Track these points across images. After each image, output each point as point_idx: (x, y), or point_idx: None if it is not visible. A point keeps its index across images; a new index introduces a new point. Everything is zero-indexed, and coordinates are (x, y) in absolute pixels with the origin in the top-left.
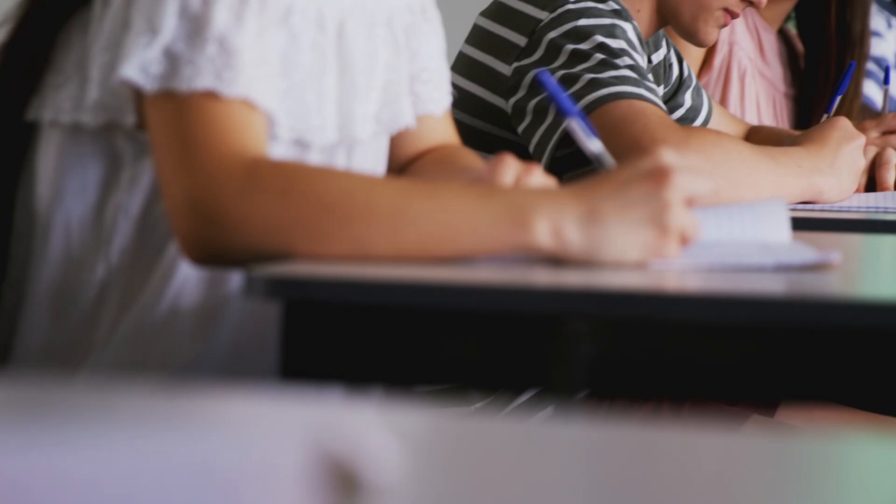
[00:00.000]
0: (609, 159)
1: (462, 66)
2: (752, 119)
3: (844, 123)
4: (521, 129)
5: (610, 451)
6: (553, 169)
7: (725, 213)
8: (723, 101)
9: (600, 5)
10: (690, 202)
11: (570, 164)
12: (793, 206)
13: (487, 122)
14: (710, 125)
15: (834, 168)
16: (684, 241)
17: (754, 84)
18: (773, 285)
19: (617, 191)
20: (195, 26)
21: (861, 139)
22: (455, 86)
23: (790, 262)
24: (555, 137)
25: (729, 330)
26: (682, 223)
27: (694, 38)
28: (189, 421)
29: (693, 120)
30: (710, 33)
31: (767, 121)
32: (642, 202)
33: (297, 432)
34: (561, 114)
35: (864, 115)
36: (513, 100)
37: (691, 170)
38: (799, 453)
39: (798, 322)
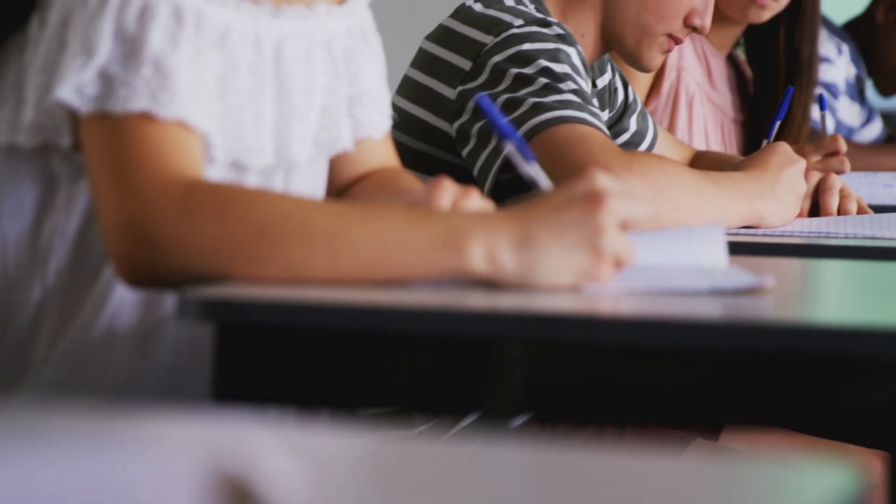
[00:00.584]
0: (546, 183)
1: (407, 89)
2: (700, 144)
3: (785, 148)
4: (465, 152)
5: (550, 474)
6: (497, 193)
7: (662, 236)
8: (671, 127)
9: (545, 30)
10: (625, 226)
11: (513, 189)
12: (736, 231)
13: (432, 146)
14: (656, 150)
15: (775, 193)
16: (619, 264)
17: (702, 109)
18: (706, 309)
19: (551, 215)
20: (130, 48)
21: (802, 163)
22: (400, 109)
23: (725, 287)
24: (498, 161)
25: (662, 354)
26: (617, 247)
27: (637, 64)
28: (93, 441)
29: (638, 144)
30: (653, 59)
31: (715, 146)
32: (576, 226)
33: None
34: (498, 137)
35: (812, 139)
36: (457, 123)
37: (626, 194)
38: (737, 477)
39: (732, 346)
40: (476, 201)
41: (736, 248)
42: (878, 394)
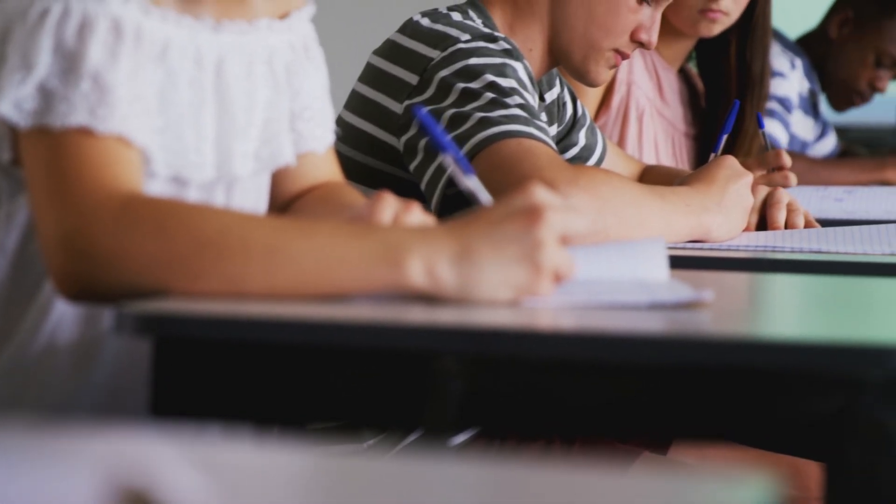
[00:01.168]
0: (486, 197)
1: (354, 104)
2: (651, 158)
3: (731, 162)
4: (412, 167)
5: (493, 491)
6: (444, 207)
7: (604, 250)
8: (621, 141)
9: (491, 45)
10: (565, 240)
11: (461, 202)
12: (682, 245)
13: (379, 160)
14: (605, 164)
15: (722, 206)
16: (558, 278)
17: (652, 124)
18: (645, 323)
19: (491, 229)
20: (69, 63)
21: (748, 177)
22: (347, 123)
23: (664, 301)
24: (445, 175)
25: (600, 368)
26: (556, 261)
27: (585, 79)
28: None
29: (587, 159)
30: (600, 73)
31: (666, 160)
32: (515, 240)
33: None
34: (436, 150)
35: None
36: (404, 138)
37: (565, 208)
38: (654, 490)
39: (670, 360)
40: (417, 216)
41: (682, 263)
42: (820, 407)
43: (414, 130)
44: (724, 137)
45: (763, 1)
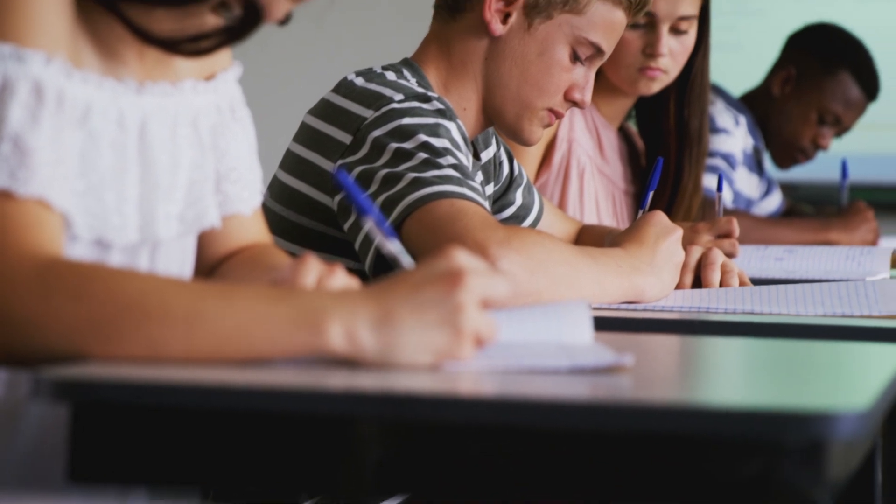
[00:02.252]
0: (407, 260)
1: (289, 163)
2: (592, 216)
3: (660, 218)
4: (346, 226)
5: None
6: (378, 266)
7: (528, 313)
8: (562, 199)
9: (425, 105)
10: (486, 304)
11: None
12: (613, 307)
13: (314, 220)
14: (542, 224)
15: (654, 266)
16: (479, 343)
17: (593, 181)
18: (566, 388)
19: (411, 292)
20: None
21: (678, 232)
22: (282, 183)
23: (584, 365)
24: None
25: (521, 433)
26: (477, 325)
27: (518, 138)
28: None
29: (524, 218)
30: (534, 132)
31: (607, 218)
32: (436, 304)
33: None
34: (357, 213)
35: (703, 210)
36: (338, 198)
37: (486, 272)
38: None
39: (586, 426)
40: (341, 279)
41: (613, 324)
42: (740, 472)
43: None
44: (651, 194)
45: (701, 59)
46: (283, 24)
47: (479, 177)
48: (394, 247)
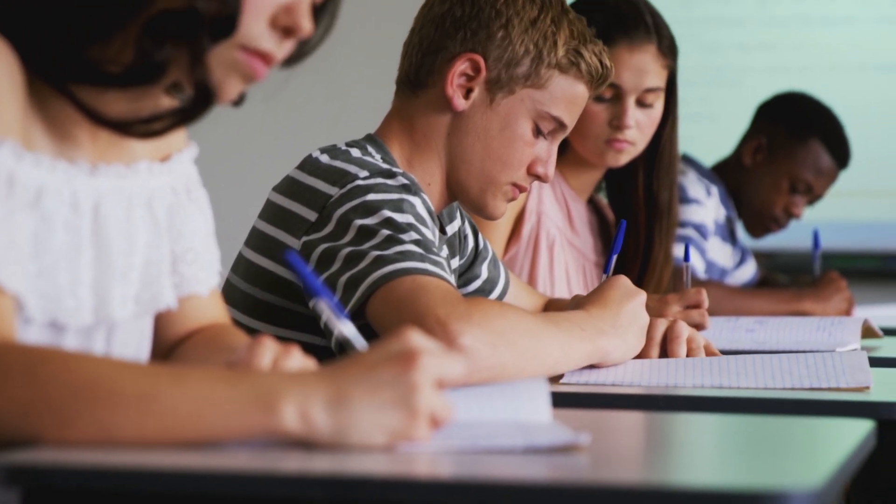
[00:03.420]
0: (361, 342)
1: (255, 241)
2: (562, 288)
3: (624, 282)
4: (312, 303)
5: None
6: (344, 344)
7: (486, 392)
8: (532, 271)
9: (389, 181)
10: (441, 384)
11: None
12: (580, 382)
13: (280, 296)
14: (508, 297)
15: (617, 328)
16: (435, 423)
17: (563, 253)
18: (521, 468)
19: (365, 373)
20: None
21: (642, 296)
22: (248, 261)
23: (539, 444)
24: (346, 311)
25: None
26: (432, 405)
27: (482, 212)
28: None
29: (490, 292)
30: (498, 207)
31: (577, 289)
32: (390, 385)
33: None
34: (310, 295)
35: (675, 281)
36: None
37: (440, 352)
38: None
39: None
40: (297, 360)
41: (577, 401)
42: None
43: (312, 267)
44: (615, 258)
45: (669, 131)
46: (237, 105)
47: (445, 251)
48: (346, 328)
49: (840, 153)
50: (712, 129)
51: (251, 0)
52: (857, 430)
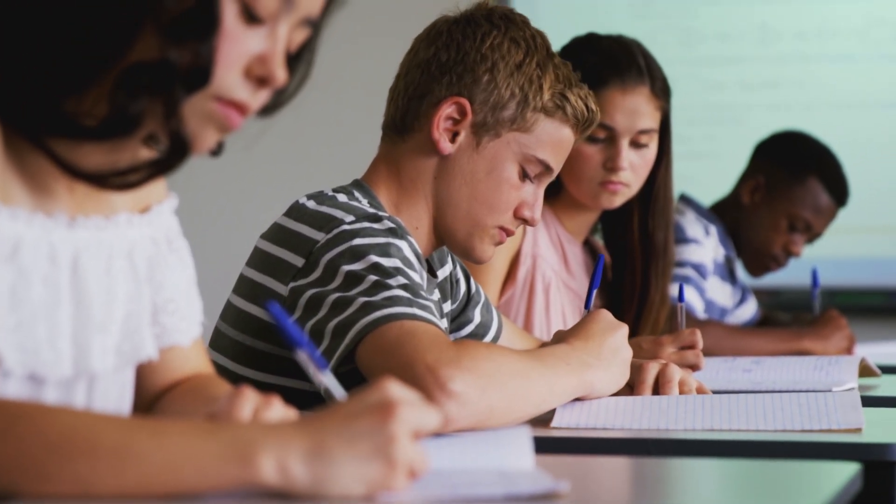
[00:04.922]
0: (340, 392)
1: (242, 288)
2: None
3: (605, 315)
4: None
5: None
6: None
7: (469, 440)
8: (528, 314)
9: (375, 225)
10: (418, 434)
11: (352, 382)
12: (569, 426)
13: (268, 343)
14: (501, 341)
15: (602, 360)
16: (413, 473)
17: (559, 295)
18: None
19: (343, 424)
20: None
21: (624, 328)
22: (236, 308)
23: (519, 492)
24: (335, 357)
25: None
26: (410, 455)
27: (470, 256)
28: None
29: (483, 336)
30: (485, 251)
31: None
32: (368, 436)
33: None
34: (289, 345)
35: (672, 320)
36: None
37: (418, 403)
38: None
39: None
40: (278, 410)
41: (563, 446)
42: None
43: (300, 313)
44: (595, 292)
45: (664, 172)
46: (215, 155)
47: (437, 294)
48: (326, 379)
49: (838, 191)
50: (715, 167)
51: (224, 51)
52: (843, 473)
